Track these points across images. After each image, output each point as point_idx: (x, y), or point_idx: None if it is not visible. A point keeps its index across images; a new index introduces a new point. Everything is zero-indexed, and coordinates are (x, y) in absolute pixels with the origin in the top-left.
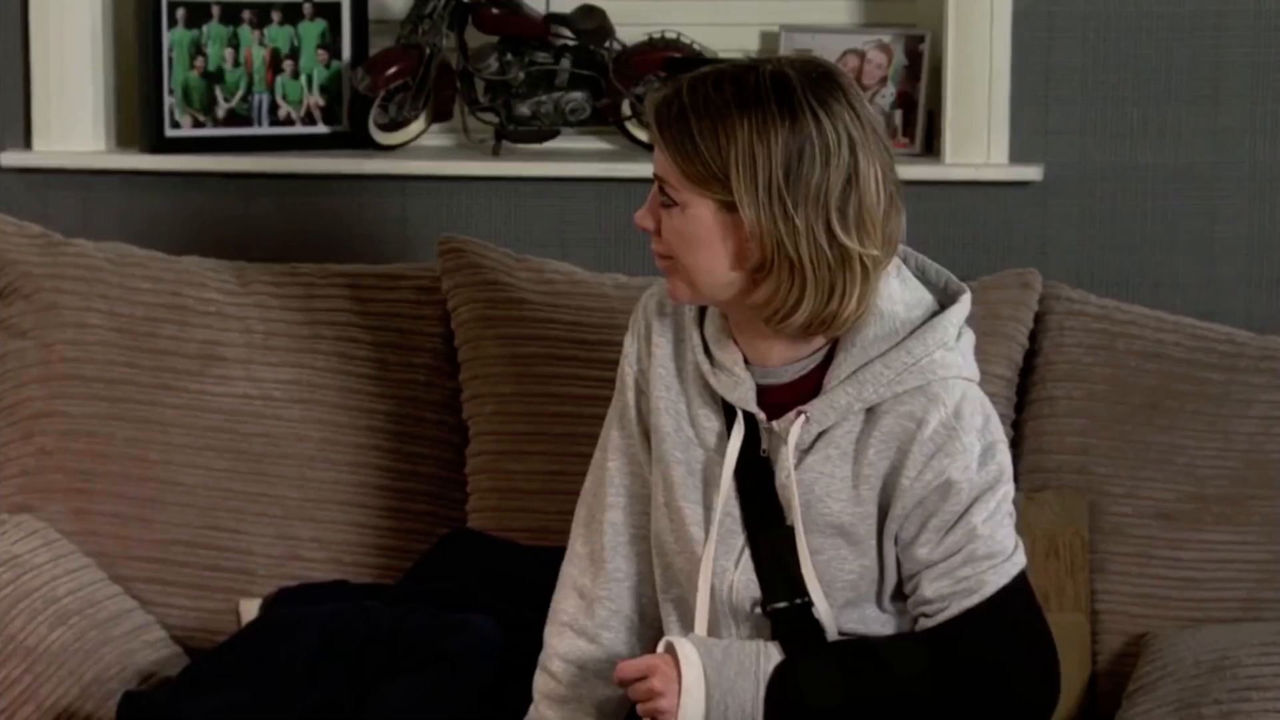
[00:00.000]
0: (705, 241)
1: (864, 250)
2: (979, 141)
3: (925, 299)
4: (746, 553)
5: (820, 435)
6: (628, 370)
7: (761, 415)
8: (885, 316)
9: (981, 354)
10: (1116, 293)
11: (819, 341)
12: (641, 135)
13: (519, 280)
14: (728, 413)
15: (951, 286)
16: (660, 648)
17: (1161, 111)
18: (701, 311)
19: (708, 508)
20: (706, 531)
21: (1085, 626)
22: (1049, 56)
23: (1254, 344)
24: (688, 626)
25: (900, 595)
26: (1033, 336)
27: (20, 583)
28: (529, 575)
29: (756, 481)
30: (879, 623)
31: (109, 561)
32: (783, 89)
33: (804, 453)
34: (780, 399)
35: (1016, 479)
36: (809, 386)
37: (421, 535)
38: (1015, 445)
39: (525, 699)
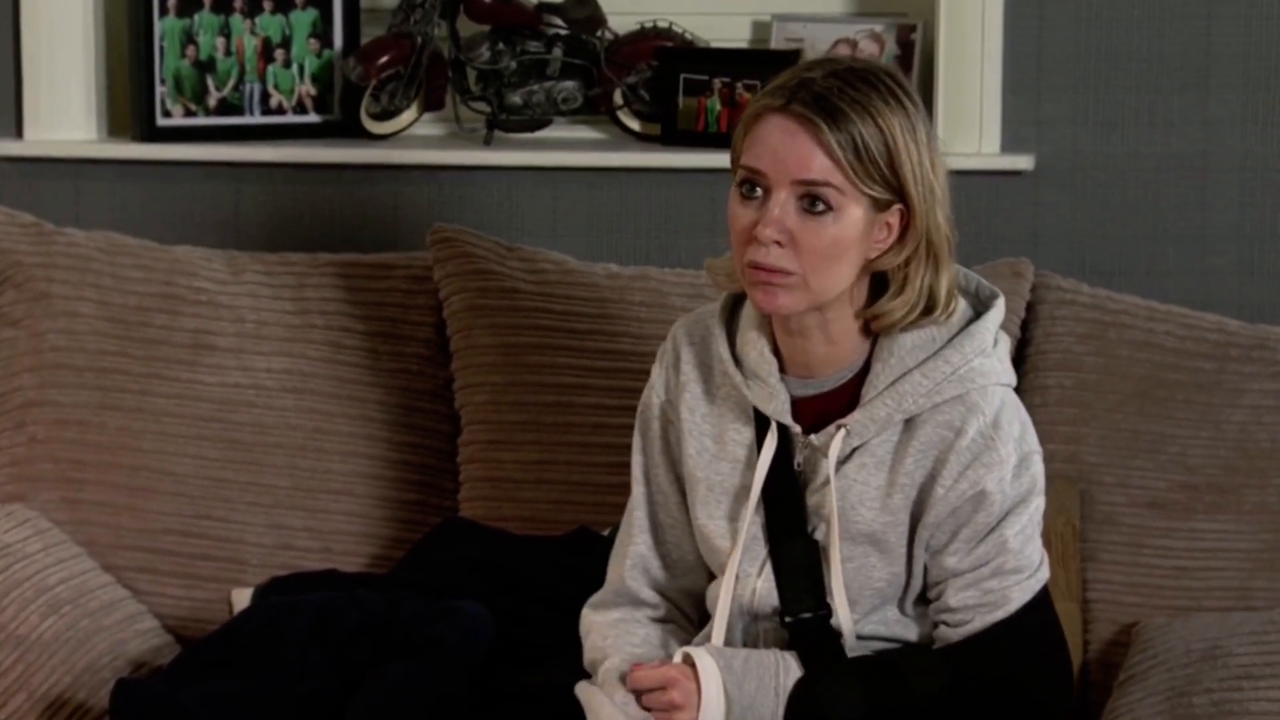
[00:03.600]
0: (851, 246)
1: (954, 239)
2: (971, 131)
3: (960, 305)
4: (769, 563)
5: (858, 446)
6: (654, 400)
7: (797, 428)
8: (922, 325)
9: None
10: (1108, 282)
11: (863, 346)
12: (634, 125)
13: (511, 270)
14: (760, 424)
15: (984, 291)
16: (677, 658)
17: (1153, 101)
18: (729, 329)
19: (733, 519)
20: (733, 541)
21: (1076, 615)
22: (1040, 46)
23: (1245, 333)
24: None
25: (923, 600)
26: (1024, 326)
27: (11, 572)
28: (521, 564)
29: (783, 492)
30: (900, 625)
31: (100, 551)
32: (900, 89)
33: (840, 463)
34: (815, 410)
35: None
36: (845, 397)
37: (413, 524)
38: None
39: (516, 685)
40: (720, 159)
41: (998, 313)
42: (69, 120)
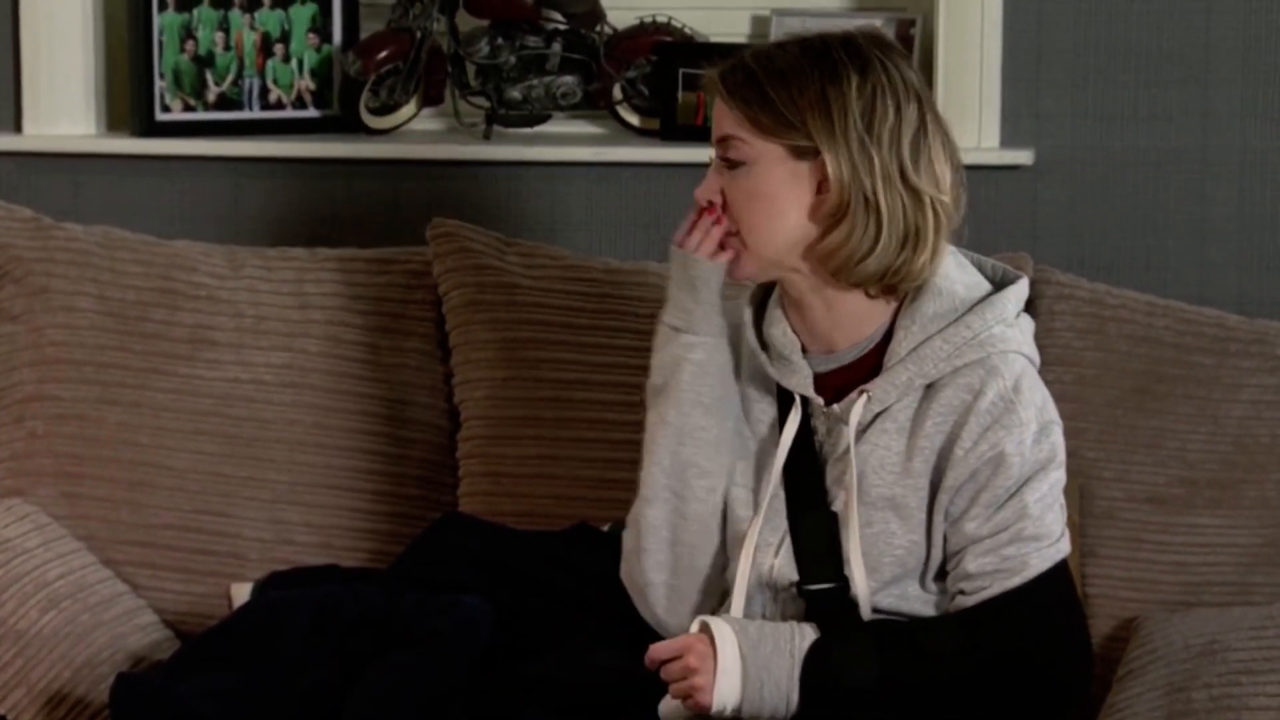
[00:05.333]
0: (774, 195)
1: (936, 194)
2: (970, 125)
3: (982, 283)
4: (788, 537)
5: (880, 413)
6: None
7: (819, 400)
8: (944, 294)
9: None
10: (1107, 276)
11: (881, 317)
12: (633, 119)
13: (510, 264)
14: (783, 400)
15: (1009, 276)
16: (694, 627)
17: (1152, 95)
18: (759, 309)
19: (755, 490)
20: (754, 511)
21: None
22: (1040, 40)
23: (1244, 328)
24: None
25: (943, 575)
26: None
27: (11, 566)
28: (520, 559)
29: (805, 467)
30: (920, 601)
31: (100, 545)
32: (850, 45)
33: (861, 430)
34: (838, 382)
35: None
36: (866, 368)
37: (413, 519)
38: None
39: (515, 678)
40: None
41: (1020, 288)
42: (68, 115)
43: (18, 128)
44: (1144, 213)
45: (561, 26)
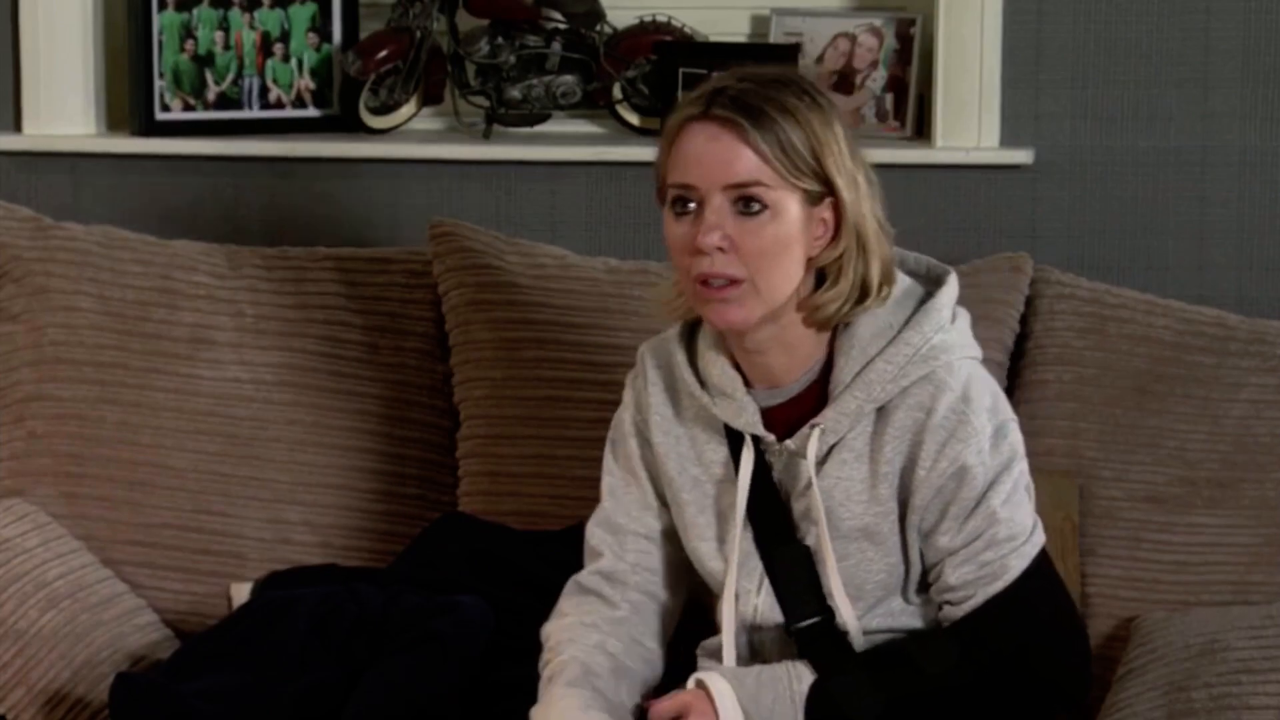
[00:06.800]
0: (791, 243)
1: (889, 227)
2: (970, 125)
3: (912, 287)
4: (766, 578)
5: (835, 443)
6: (627, 418)
7: (770, 437)
8: (876, 311)
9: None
10: (1107, 276)
11: (821, 345)
12: (632, 119)
13: (509, 264)
14: (734, 441)
15: (935, 270)
16: (690, 683)
17: (1152, 95)
18: (688, 349)
19: (722, 540)
20: (725, 562)
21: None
22: (1039, 40)
23: (1244, 327)
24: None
25: (925, 586)
26: (1023, 320)
27: (11, 566)
28: (519, 559)
29: (767, 503)
30: (906, 615)
31: (99, 545)
32: (812, 87)
33: (820, 463)
34: (785, 416)
35: None
36: (812, 399)
37: (412, 519)
38: None
39: (514, 680)
40: None
41: (950, 288)
42: (68, 114)
43: (18, 127)
44: (1144, 212)
45: (561, 26)
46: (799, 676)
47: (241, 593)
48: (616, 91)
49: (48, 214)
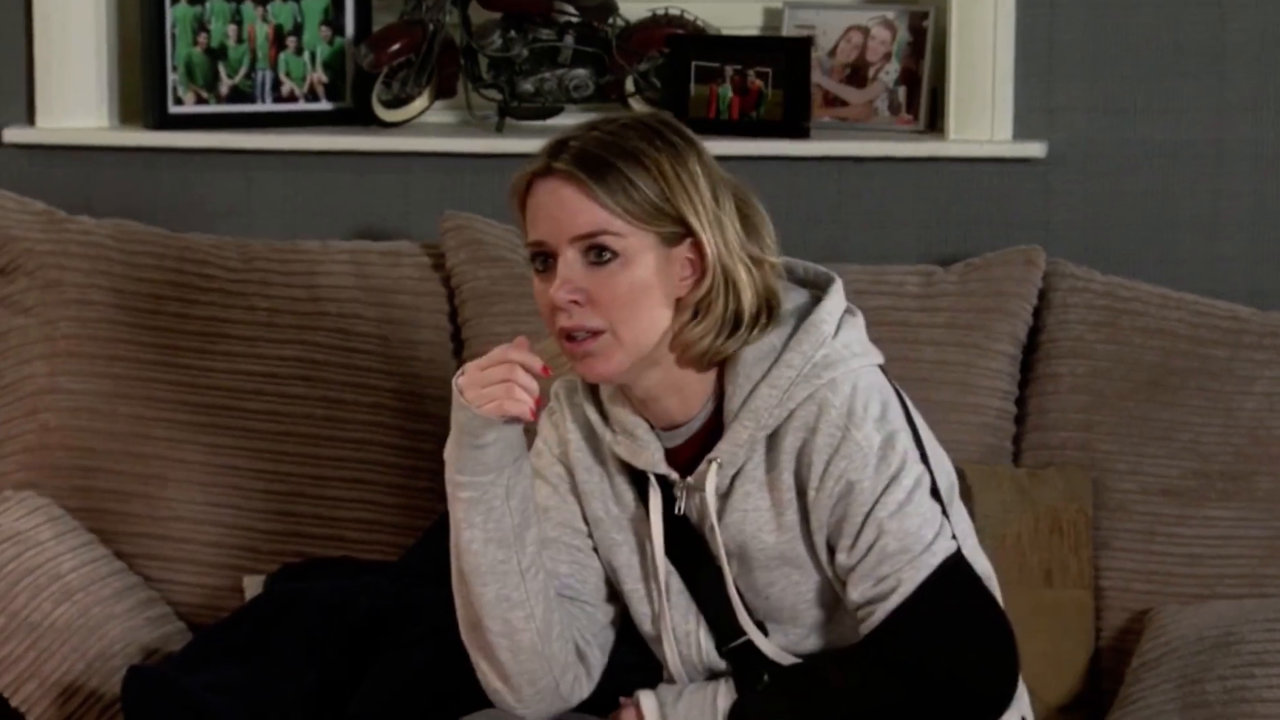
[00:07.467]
0: (650, 288)
1: (770, 259)
2: (983, 118)
3: (796, 300)
4: (695, 605)
5: (735, 475)
6: (546, 451)
7: (674, 475)
8: (751, 340)
9: (985, 331)
10: (1120, 269)
11: (711, 378)
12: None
13: (522, 257)
14: (641, 480)
15: (821, 279)
16: (632, 701)
17: (1165, 87)
18: (592, 392)
19: (647, 579)
20: (652, 604)
21: (1089, 603)
22: (1052, 32)
23: (1257, 320)
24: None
25: None
26: (1037, 313)
27: (24, 559)
28: None
29: (684, 537)
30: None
31: (112, 538)
32: (667, 125)
33: (724, 497)
34: (688, 455)
35: (1019, 455)
36: (709, 432)
37: (424, 512)
38: (1019, 421)
39: None
40: (733, 146)
41: (833, 298)
42: (81, 108)
43: (31, 120)
44: (1157, 205)
45: (574, 19)
46: (721, 695)
47: (254, 585)
48: (629, 85)
49: (60, 207)
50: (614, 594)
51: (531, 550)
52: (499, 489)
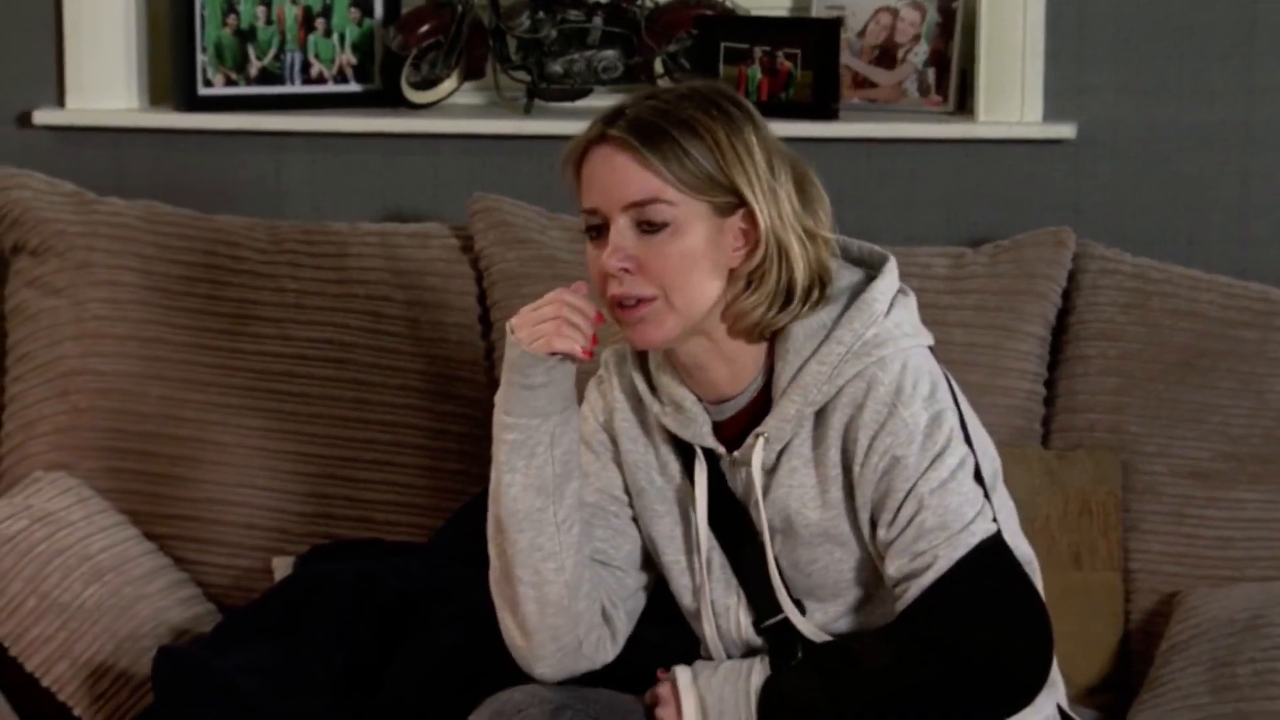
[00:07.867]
0: (700, 257)
1: (825, 234)
2: (1013, 99)
3: (849, 278)
4: (736, 581)
5: (782, 451)
6: (593, 420)
7: (721, 449)
8: (811, 314)
9: (1015, 312)
10: (1150, 251)
11: (762, 353)
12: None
13: (550, 239)
14: (687, 452)
15: (875, 258)
16: (668, 675)
17: (1196, 69)
18: (643, 362)
19: (690, 551)
20: (693, 577)
21: (1118, 585)
22: (1082, 14)
23: None
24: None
25: None
26: (1066, 295)
27: (54, 540)
28: None
29: (728, 511)
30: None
31: (142, 519)
32: (724, 95)
33: (769, 473)
34: (738, 427)
35: (1048, 437)
36: (759, 409)
37: (453, 494)
38: (1048, 404)
39: None
40: None
41: (886, 278)
42: (110, 89)
43: (61, 102)
44: (1187, 187)
45: (603, 0)
46: (756, 671)
47: (284, 567)
48: (658, 66)
49: (90, 189)
50: (647, 563)
51: (569, 503)
52: (544, 434)
